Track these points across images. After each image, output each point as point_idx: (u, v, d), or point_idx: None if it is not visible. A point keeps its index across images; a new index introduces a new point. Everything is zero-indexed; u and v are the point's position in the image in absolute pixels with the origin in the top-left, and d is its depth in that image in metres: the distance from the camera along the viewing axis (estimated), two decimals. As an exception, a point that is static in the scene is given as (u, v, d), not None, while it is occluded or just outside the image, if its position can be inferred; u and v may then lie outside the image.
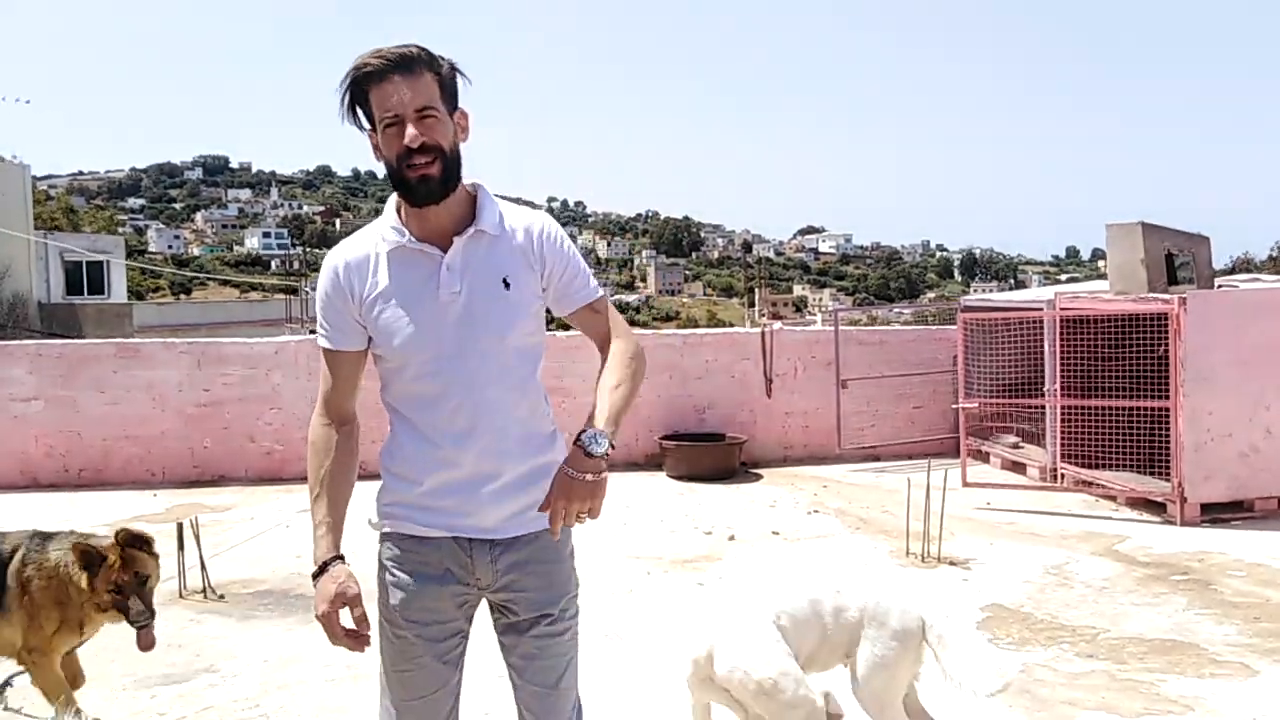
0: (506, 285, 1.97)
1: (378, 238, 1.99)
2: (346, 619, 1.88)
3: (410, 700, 2.03)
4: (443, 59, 1.94)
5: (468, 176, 2.02)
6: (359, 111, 1.95)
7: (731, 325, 32.50)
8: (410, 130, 1.88)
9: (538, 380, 2.06)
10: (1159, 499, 6.66)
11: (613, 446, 1.87)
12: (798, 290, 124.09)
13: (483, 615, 2.10)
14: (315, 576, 1.90)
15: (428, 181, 1.91)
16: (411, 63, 1.88)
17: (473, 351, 1.95)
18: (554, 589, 2.04)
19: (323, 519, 1.95)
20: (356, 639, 1.89)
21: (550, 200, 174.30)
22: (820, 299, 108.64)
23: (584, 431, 1.87)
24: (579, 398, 6.51)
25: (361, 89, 1.91)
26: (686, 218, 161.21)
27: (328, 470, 1.99)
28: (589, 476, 1.83)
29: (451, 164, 1.93)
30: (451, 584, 2.01)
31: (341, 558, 1.92)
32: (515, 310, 1.98)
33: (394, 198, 2.00)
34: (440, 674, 2.03)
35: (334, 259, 2.01)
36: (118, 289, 30.21)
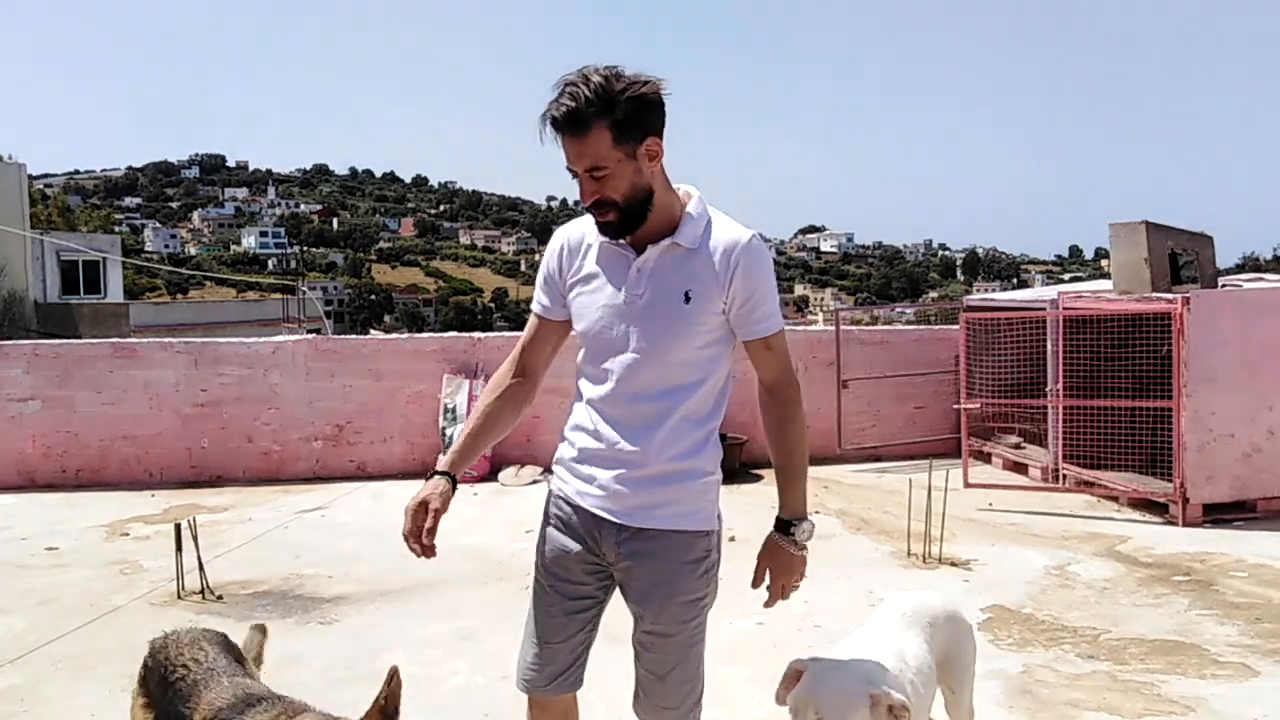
0: (687, 299, 2.05)
1: (590, 225, 2.15)
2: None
3: (538, 641, 2.22)
4: (624, 92, 1.94)
5: (676, 179, 2.12)
6: None
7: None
8: (584, 189, 2.02)
9: (706, 391, 2.13)
10: (1161, 499, 6.65)
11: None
12: (799, 290, 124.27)
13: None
14: (425, 478, 2.11)
15: (606, 227, 2.06)
16: (578, 121, 1.93)
17: (640, 352, 2.07)
18: (668, 586, 2.12)
19: (459, 438, 2.19)
20: (422, 547, 2.04)
21: (550, 200, 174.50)
22: (822, 298, 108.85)
23: (793, 525, 2.19)
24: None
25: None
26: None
27: (488, 406, 2.21)
28: (799, 556, 2.21)
29: (630, 209, 2.03)
30: (584, 549, 2.17)
31: (450, 476, 2.10)
32: (690, 323, 2.06)
33: None
34: (566, 627, 2.19)
35: (560, 235, 2.23)
36: (114, 288, 30.21)
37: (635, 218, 2.03)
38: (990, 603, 4.91)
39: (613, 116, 1.93)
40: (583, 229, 2.18)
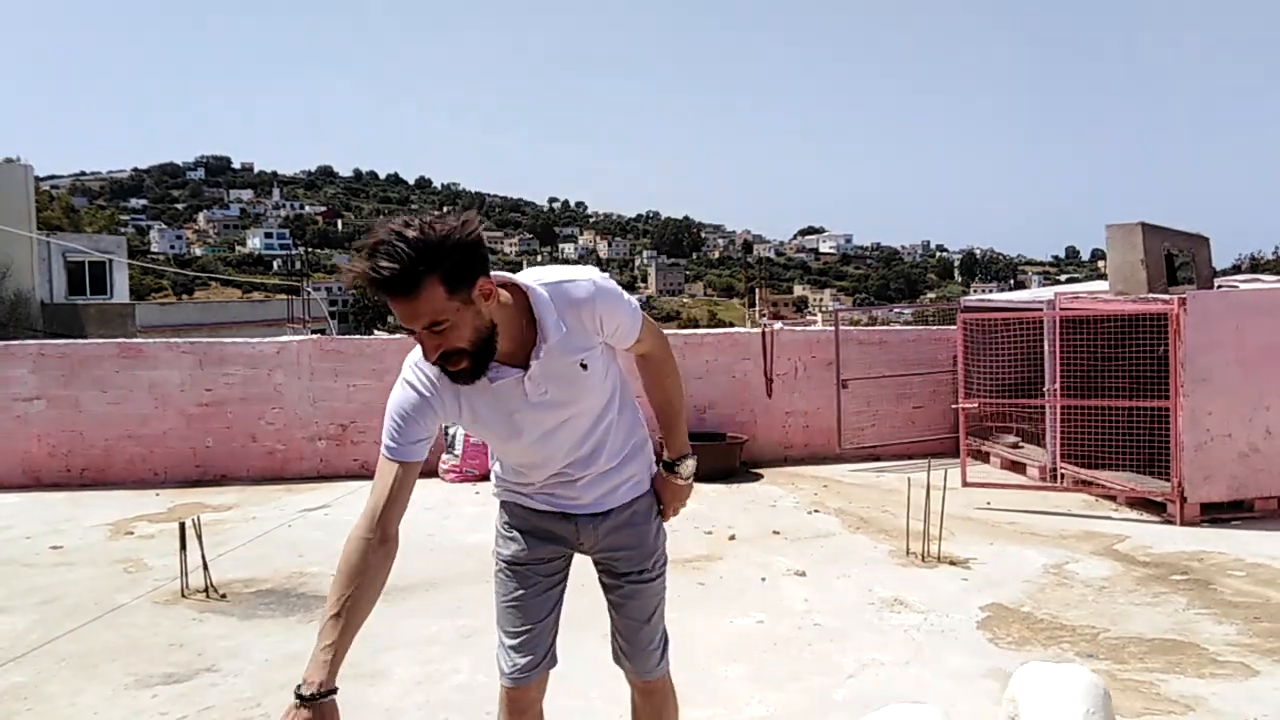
0: (584, 366, 2.14)
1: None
2: None
3: (521, 628, 2.36)
4: (447, 239, 1.84)
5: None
6: None
7: (732, 325, 32.53)
8: (425, 345, 1.94)
9: (615, 396, 2.30)
10: (1159, 499, 6.66)
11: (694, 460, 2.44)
12: (798, 290, 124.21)
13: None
14: (301, 700, 1.80)
15: (459, 375, 2.00)
16: (404, 282, 1.82)
17: (568, 423, 2.20)
18: (645, 546, 2.42)
19: (333, 643, 1.87)
20: None
21: (551, 201, 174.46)
22: (821, 299, 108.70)
23: (677, 463, 2.42)
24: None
25: None
26: (687, 218, 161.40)
27: (356, 593, 1.93)
28: (685, 485, 2.46)
29: (479, 350, 1.97)
30: (556, 543, 2.39)
31: (335, 691, 1.84)
32: (593, 380, 2.19)
33: None
34: (545, 604, 2.39)
35: (418, 372, 2.08)
36: (120, 289, 30.24)
37: (487, 355, 1.98)
38: (989, 601, 4.93)
39: (442, 268, 1.84)
40: None
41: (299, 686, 1.82)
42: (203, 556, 5.15)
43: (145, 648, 4.39)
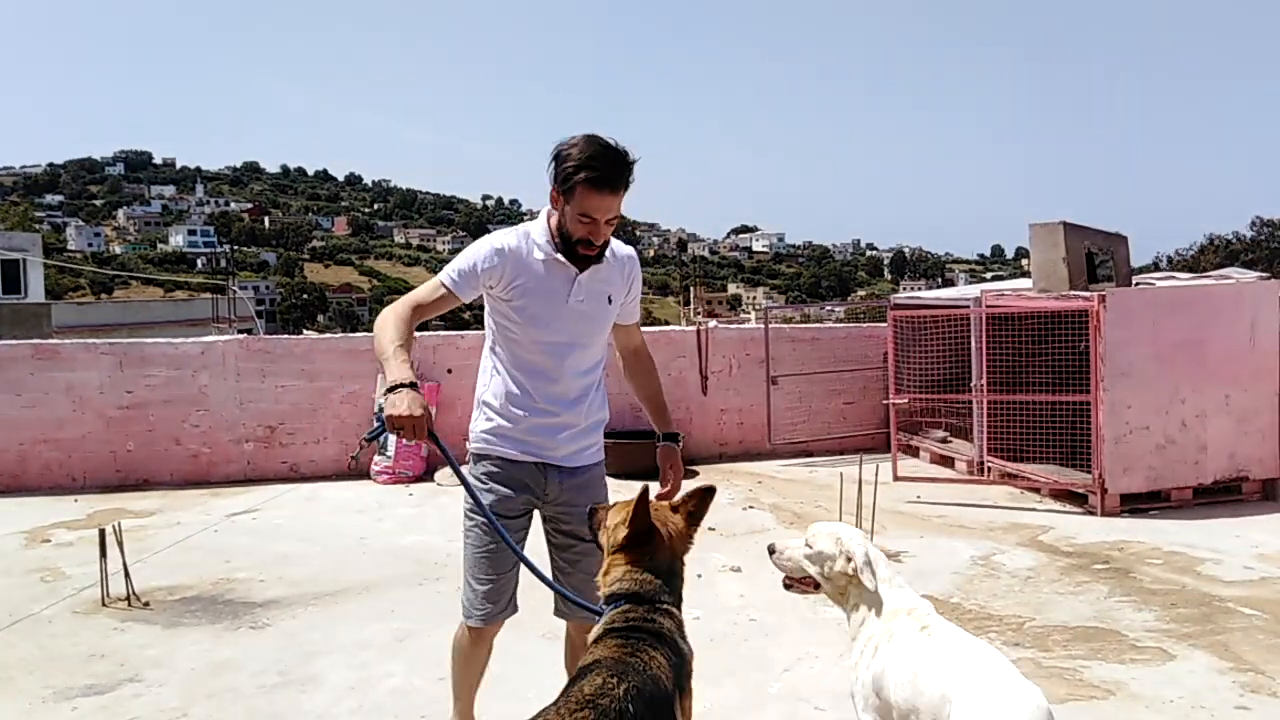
0: (609, 301, 2.81)
1: (533, 244, 2.71)
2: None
3: (491, 575, 2.79)
4: (634, 163, 2.58)
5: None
6: (560, 177, 2.57)
7: (667, 323, 32.63)
8: (599, 232, 2.61)
9: (603, 375, 2.92)
10: (1081, 490, 6.86)
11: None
12: (732, 289, 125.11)
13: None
14: (412, 385, 2.42)
15: (588, 259, 2.69)
16: (622, 184, 2.57)
17: (580, 343, 2.78)
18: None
19: (407, 358, 2.50)
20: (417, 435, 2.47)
21: (485, 199, 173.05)
22: (754, 297, 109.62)
23: (673, 434, 2.95)
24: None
25: (576, 174, 2.52)
26: (621, 216, 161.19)
27: (407, 330, 2.58)
28: (679, 454, 2.93)
29: (606, 246, 2.71)
30: (526, 494, 2.81)
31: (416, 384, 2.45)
32: (609, 318, 2.84)
33: (548, 214, 2.70)
34: (511, 556, 2.74)
35: (499, 243, 2.71)
36: (35, 288, 29.28)
37: (605, 250, 2.73)
38: (919, 593, 5.00)
39: (630, 184, 2.60)
40: (518, 241, 2.71)
41: (399, 382, 2.42)
42: (124, 563, 4.99)
43: (64, 659, 4.24)
